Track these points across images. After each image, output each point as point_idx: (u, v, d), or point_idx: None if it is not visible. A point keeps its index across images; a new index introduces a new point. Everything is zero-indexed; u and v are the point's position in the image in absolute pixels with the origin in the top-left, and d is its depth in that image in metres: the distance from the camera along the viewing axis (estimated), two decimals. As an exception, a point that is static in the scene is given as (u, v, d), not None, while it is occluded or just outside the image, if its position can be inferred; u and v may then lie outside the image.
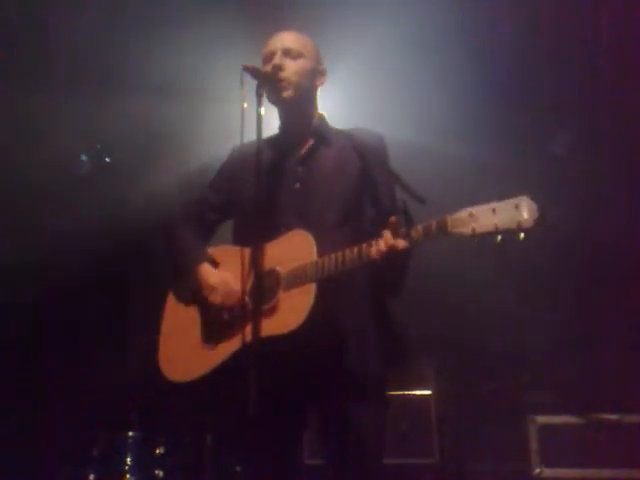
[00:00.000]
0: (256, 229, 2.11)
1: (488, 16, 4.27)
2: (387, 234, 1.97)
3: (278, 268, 2.15)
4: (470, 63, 4.48)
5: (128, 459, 4.23)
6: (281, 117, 2.48)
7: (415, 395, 4.46)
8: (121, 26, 4.46)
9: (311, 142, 2.40)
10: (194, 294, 2.34)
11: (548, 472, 4.04)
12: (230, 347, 2.16)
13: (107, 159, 5.57)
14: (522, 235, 1.78)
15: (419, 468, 4.27)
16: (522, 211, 1.77)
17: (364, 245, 2.00)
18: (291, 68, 2.34)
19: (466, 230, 1.85)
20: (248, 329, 1.89)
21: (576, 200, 4.63)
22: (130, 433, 4.31)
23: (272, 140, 2.47)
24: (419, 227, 1.94)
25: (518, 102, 4.66)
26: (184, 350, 2.33)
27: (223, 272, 2.31)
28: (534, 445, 4.11)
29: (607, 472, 3.92)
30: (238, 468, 4.45)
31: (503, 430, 4.45)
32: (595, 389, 4.28)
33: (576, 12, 4.26)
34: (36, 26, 4.42)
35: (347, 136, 2.40)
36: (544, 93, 4.70)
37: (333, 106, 2.96)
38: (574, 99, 4.68)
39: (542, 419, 4.16)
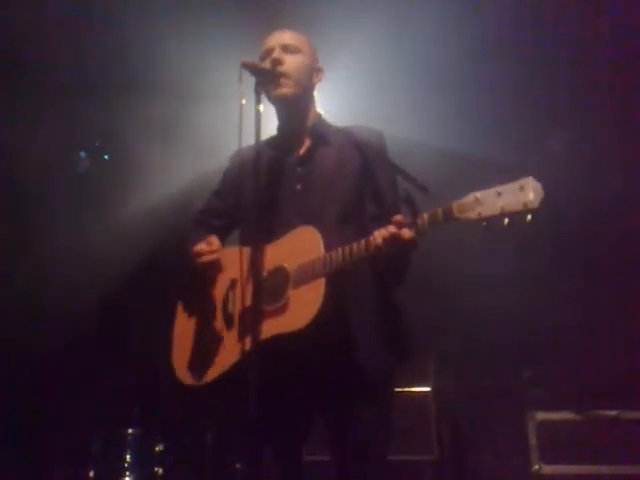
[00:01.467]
0: (259, 231, 2.09)
1: (486, 13, 4.27)
2: (391, 226, 1.95)
3: (286, 265, 2.13)
4: (469, 62, 4.48)
5: (128, 456, 4.23)
6: (279, 116, 2.46)
7: (414, 392, 4.46)
8: (120, 25, 4.46)
9: (310, 141, 2.38)
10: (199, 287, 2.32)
11: (547, 468, 4.04)
12: (238, 349, 2.12)
13: (106, 157, 5.57)
14: (529, 217, 1.74)
15: (418, 464, 4.28)
16: (527, 192, 1.74)
17: (370, 237, 1.98)
18: (290, 62, 2.33)
19: (472, 215, 1.82)
20: (256, 330, 1.89)
21: (575, 199, 4.64)
22: (130, 430, 4.31)
23: (271, 141, 2.46)
24: (424, 215, 1.92)
25: (517, 99, 4.65)
26: (195, 352, 2.31)
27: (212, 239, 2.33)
28: (533, 441, 4.10)
29: (606, 468, 3.91)
30: (238, 465, 4.45)
31: (502, 426, 4.46)
32: (594, 385, 4.28)
33: (576, 11, 4.26)
34: (36, 27, 4.42)
35: (346, 133, 2.38)
36: (543, 90, 4.70)
37: (330, 104, 2.95)
38: (573, 97, 4.69)
39: (541, 415, 4.15)
